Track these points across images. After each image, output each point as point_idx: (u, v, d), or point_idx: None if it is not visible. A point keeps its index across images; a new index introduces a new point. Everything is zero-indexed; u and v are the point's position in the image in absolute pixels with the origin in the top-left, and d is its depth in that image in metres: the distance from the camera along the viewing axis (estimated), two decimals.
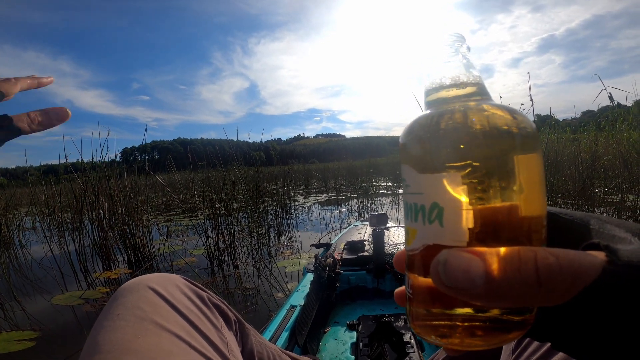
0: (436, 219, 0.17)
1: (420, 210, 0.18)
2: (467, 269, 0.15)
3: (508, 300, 0.15)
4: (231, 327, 0.55)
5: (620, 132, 3.80)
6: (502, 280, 0.15)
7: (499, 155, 0.17)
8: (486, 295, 0.15)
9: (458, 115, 0.18)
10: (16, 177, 7.35)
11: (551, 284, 0.15)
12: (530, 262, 0.15)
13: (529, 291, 0.15)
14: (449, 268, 0.16)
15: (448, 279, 0.16)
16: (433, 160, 0.18)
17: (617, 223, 0.18)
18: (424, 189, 0.18)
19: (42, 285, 2.67)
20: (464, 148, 0.17)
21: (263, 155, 5.80)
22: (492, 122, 0.17)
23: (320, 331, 1.13)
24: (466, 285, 0.15)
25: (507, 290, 0.15)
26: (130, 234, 3.19)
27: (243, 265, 2.87)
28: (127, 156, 5.31)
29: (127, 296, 0.46)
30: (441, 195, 0.17)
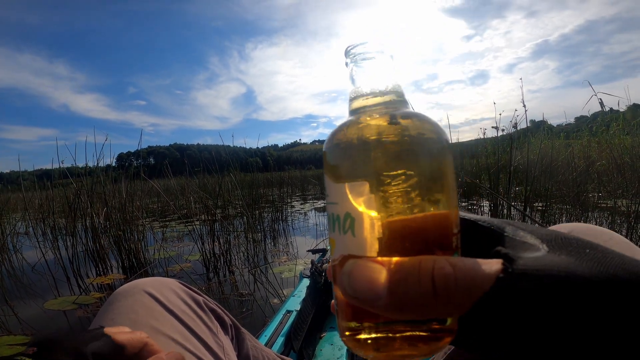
0: (349, 229, 0.17)
1: (337, 220, 0.18)
2: (371, 280, 0.15)
3: (411, 312, 0.15)
4: (227, 331, 0.55)
5: (613, 137, 3.84)
6: (402, 291, 0.15)
7: (404, 166, 0.17)
8: (389, 306, 0.15)
9: (366, 127, 0.18)
10: (10, 181, 7.29)
11: (446, 295, 0.14)
12: (427, 272, 0.15)
13: (427, 302, 0.15)
14: (353, 279, 0.16)
15: (352, 290, 0.16)
16: (345, 170, 0.17)
17: (530, 229, 0.18)
18: (339, 199, 0.17)
19: (35, 290, 2.64)
20: (372, 159, 0.17)
21: (260, 161, 5.80)
22: (398, 133, 0.17)
23: (316, 336, 1.12)
24: (370, 297, 0.15)
25: (408, 301, 0.15)
26: (124, 240, 3.16)
27: (239, 271, 2.86)
28: (122, 161, 5.30)
29: (122, 300, 0.46)
30: (352, 205, 0.17)
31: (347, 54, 0.20)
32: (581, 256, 0.15)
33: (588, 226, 0.44)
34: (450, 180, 0.18)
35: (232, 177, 4.08)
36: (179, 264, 2.99)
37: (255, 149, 6.58)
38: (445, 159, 0.18)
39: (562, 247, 0.16)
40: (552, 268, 0.14)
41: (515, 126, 3.37)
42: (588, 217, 3.16)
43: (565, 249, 0.16)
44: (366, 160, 0.17)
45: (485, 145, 4.19)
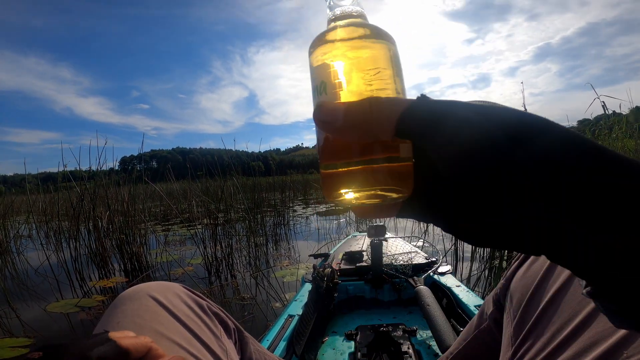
0: (323, 91, 0.24)
1: (316, 89, 0.25)
2: (333, 108, 0.22)
3: (360, 129, 0.21)
4: (230, 336, 0.55)
5: (616, 140, 3.82)
6: (350, 110, 0.21)
7: (355, 49, 0.24)
8: (344, 125, 0.21)
9: (329, 29, 0.26)
10: (14, 184, 7.33)
11: (378, 110, 0.20)
12: (366, 99, 0.21)
13: (367, 116, 0.20)
14: (322, 109, 0.22)
15: (321, 115, 0.22)
16: (319, 55, 0.25)
17: None
18: (317, 75, 0.25)
19: (37, 293, 2.65)
20: (332, 45, 0.25)
21: (262, 165, 5.81)
22: (351, 27, 0.25)
23: (318, 341, 1.12)
24: (332, 119, 0.21)
25: (356, 118, 0.21)
26: (127, 243, 3.17)
27: (241, 275, 2.86)
28: (125, 165, 5.32)
29: (127, 304, 0.47)
30: (324, 75, 0.24)
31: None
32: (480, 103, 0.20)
33: None
34: (395, 64, 0.25)
35: (234, 181, 4.09)
36: (182, 268, 2.99)
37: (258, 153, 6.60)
38: (387, 47, 0.25)
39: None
40: (452, 100, 0.20)
41: None
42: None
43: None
44: (329, 46, 0.25)
45: None
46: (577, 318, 0.38)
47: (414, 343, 1.06)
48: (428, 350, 1.04)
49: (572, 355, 0.37)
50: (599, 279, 0.17)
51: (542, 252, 0.18)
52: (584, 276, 0.18)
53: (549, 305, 0.43)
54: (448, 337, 0.94)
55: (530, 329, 0.45)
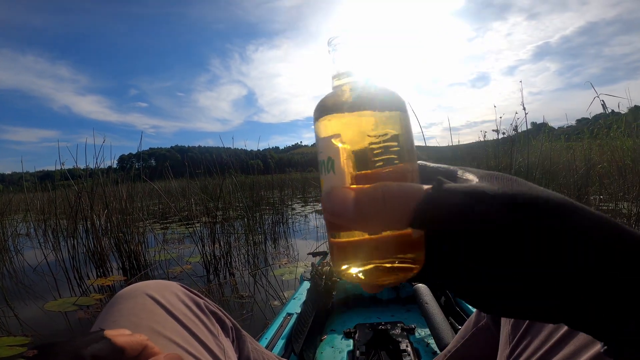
0: (331, 169, 0.23)
1: (323, 164, 0.23)
2: (343, 198, 0.20)
3: (371, 222, 0.20)
4: (228, 334, 0.55)
5: (614, 139, 3.84)
6: (362, 202, 0.19)
7: (364, 121, 0.22)
8: (356, 217, 0.20)
9: (338, 94, 0.24)
10: (12, 182, 7.30)
11: (391, 204, 0.19)
12: (378, 189, 0.19)
13: (381, 210, 0.19)
14: (331, 198, 0.21)
15: (331, 206, 0.21)
16: (325, 127, 0.23)
17: (476, 172, 0.22)
18: (323, 148, 0.23)
19: (35, 291, 2.65)
20: (340, 118, 0.23)
21: (261, 163, 5.80)
22: (358, 94, 0.23)
23: (316, 339, 1.12)
24: (342, 210, 0.20)
25: (367, 209, 0.19)
26: (125, 241, 3.17)
27: (239, 273, 2.86)
28: (124, 163, 5.30)
29: (123, 303, 0.46)
30: (332, 151, 0.22)
31: (329, 44, 0.26)
32: (499, 183, 0.19)
33: None
34: (403, 132, 0.23)
35: (233, 179, 4.08)
36: (180, 266, 2.99)
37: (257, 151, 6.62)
38: (401, 117, 0.23)
39: (489, 179, 0.20)
40: (468, 186, 0.19)
41: (515, 129, 3.37)
42: None
43: (490, 180, 0.20)
44: (337, 118, 0.23)
45: (486, 147, 4.19)
46: None
47: (413, 341, 1.06)
48: (426, 348, 1.04)
49: (569, 353, 0.37)
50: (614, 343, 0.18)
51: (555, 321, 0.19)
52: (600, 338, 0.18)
53: None
54: (446, 335, 0.94)
55: (528, 327, 0.45)
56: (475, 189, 0.18)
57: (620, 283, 0.16)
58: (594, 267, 0.16)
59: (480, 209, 0.17)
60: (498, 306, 0.19)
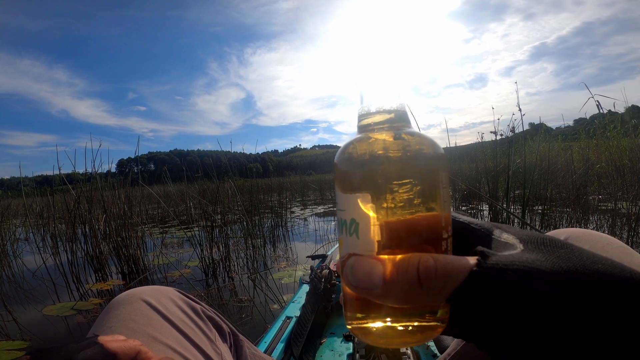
0: (354, 232, 0.20)
1: (344, 224, 0.20)
2: (370, 272, 0.18)
3: (402, 299, 0.18)
4: (225, 339, 0.55)
5: (611, 139, 3.85)
6: (394, 281, 0.17)
7: (403, 178, 0.19)
8: (384, 294, 0.18)
9: (368, 145, 0.20)
10: (11, 187, 7.29)
11: (429, 284, 0.17)
12: (414, 264, 0.17)
13: (413, 290, 0.17)
14: (355, 271, 0.18)
15: (354, 280, 0.19)
16: (351, 183, 0.20)
17: (515, 231, 0.20)
18: (346, 207, 0.20)
19: (34, 296, 2.64)
20: (371, 174, 0.20)
21: (260, 166, 5.80)
22: (394, 151, 0.20)
23: (316, 342, 1.12)
24: (368, 286, 0.18)
25: (399, 289, 0.17)
26: (124, 246, 3.16)
27: (238, 277, 2.85)
28: (123, 167, 5.30)
29: (119, 308, 0.46)
30: (357, 212, 0.20)
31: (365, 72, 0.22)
32: (550, 254, 0.17)
33: (585, 231, 0.44)
34: (444, 190, 0.20)
35: (231, 183, 4.08)
36: (178, 270, 2.98)
37: (256, 155, 6.60)
38: (441, 171, 0.20)
39: (537, 246, 0.18)
40: (519, 263, 0.17)
41: (512, 130, 3.38)
42: (588, 220, 3.16)
43: (538, 248, 0.18)
44: (367, 175, 0.20)
45: (484, 149, 4.19)
46: None
47: None
48: (426, 350, 1.04)
49: None
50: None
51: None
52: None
53: None
54: (446, 337, 0.94)
55: None
56: (525, 265, 0.16)
57: None
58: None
59: (534, 288, 0.16)
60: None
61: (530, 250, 0.18)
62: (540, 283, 0.16)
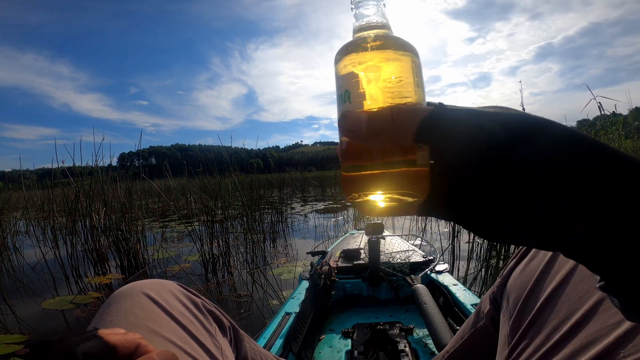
0: (347, 99, 0.25)
1: (340, 97, 0.26)
2: (357, 117, 0.23)
3: (382, 136, 0.22)
4: (225, 334, 0.55)
5: (612, 141, 3.83)
6: (373, 119, 0.23)
7: (380, 60, 0.25)
8: (367, 133, 0.23)
9: (356, 39, 0.27)
10: (12, 180, 7.30)
11: (399, 119, 0.22)
12: (387, 108, 0.23)
13: (389, 125, 0.22)
14: (346, 118, 0.24)
15: (345, 124, 0.24)
16: (344, 64, 0.26)
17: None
18: (342, 83, 0.26)
19: (33, 289, 2.65)
20: (358, 55, 0.26)
21: (261, 162, 5.79)
22: (376, 39, 0.26)
23: (315, 339, 1.12)
24: (355, 127, 0.23)
25: (377, 126, 0.22)
26: (124, 240, 3.16)
27: (238, 272, 2.85)
28: (124, 161, 5.30)
29: (120, 302, 0.46)
30: (349, 83, 0.25)
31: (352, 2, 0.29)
32: (493, 109, 0.21)
33: None
34: (409, 69, 0.25)
35: (232, 178, 4.08)
36: (178, 264, 2.99)
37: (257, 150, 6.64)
38: (412, 58, 0.26)
39: (485, 108, 0.22)
40: (469, 108, 0.21)
41: None
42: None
43: (486, 108, 0.22)
44: (360, 58, 0.25)
45: None
46: (574, 317, 0.38)
47: (411, 341, 1.06)
48: (425, 348, 1.04)
49: (569, 354, 0.37)
50: (609, 271, 0.18)
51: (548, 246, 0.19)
52: (595, 269, 0.19)
53: (546, 303, 0.43)
54: (445, 335, 0.94)
55: (527, 328, 0.44)
56: (476, 108, 0.21)
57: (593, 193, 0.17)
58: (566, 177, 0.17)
59: (478, 121, 0.20)
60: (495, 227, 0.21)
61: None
62: (484, 120, 0.20)
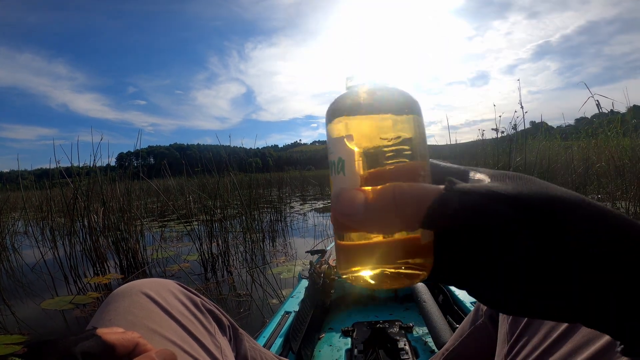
0: (341, 170, 0.22)
1: (333, 165, 0.23)
2: (352, 199, 0.20)
3: (380, 222, 0.19)
4: (225, 333, 0.55)
5: (611, 138, 3.84)
6: (372, 204, 0.19)
7: (378, 124, 0.22)
8: (365, 219, 0.19)
9: (351, 94, 0.23)
10: (10, 180, 7.28)
11: (403, 205, 0.19)
12: (389, 189, 0.19)
13: (390, 212, 0.19)
14: (341, 199, 0.20)
15: (339, 207, 0.20)
16: (337, 127, 0.23)
17: (486, 171, 0.22)
18: (334, 149, 0.23)
19: (32, 289, 2.64)
20: (354, 118, 0.22)
21: (260, 161, 5.79)
22: (373, 97, 0.23)
23: (314, 337, 1.12)
24: (352, 212, 0.20)
25: (377, 212, 0.19)
26: (123, 239, 3.16)
27: (237, 271, 2.85)
28: (122, 161, 5.29)
29: (119, 301, 0.46)
30: (343, 150, 0.22)
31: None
32: (512, 183, 0.19)
33: None
34: (419, 135, 0.23)
35: (231, 177, 4.08)
36: (177, 264, 2.99)
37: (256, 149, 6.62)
38: (415, 118, 0.23)
39: (502, 179, 0.20)
40: (481, 187, 0.19)
41: (514, 128, 3.38)
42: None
43: (503, 179, 0.20)
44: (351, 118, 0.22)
45: (485, 146, 4.19)
46: None
47: (411, 339, 1.06)
48: (424, 346, 1.04)
49: (567, 352, 0.37)
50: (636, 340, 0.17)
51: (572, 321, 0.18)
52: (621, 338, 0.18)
53: None
54: (444, 333, 0.94)
55: (526, 326, 0.44)
56: (489, 189, 0.18)
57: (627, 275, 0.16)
58: (599, 257, 0.16)
59: (494, 209, 0.17)
60: (512, 304, 0.19)
61: (495, 181, 0.20)
62: (503, 205, 0.17)
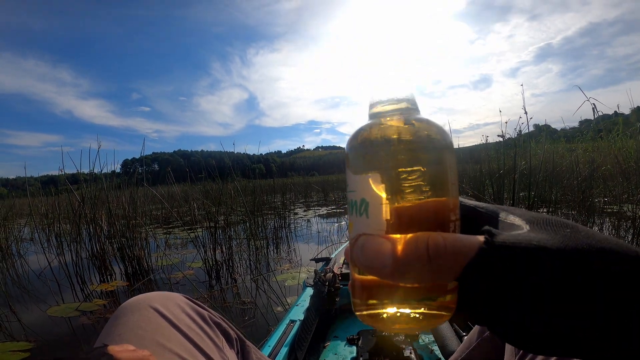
0: (364, 212, 0.20)
1: (354, 205, 0.21)
2: (379, 250, 0.18)
3: (411, 277, 0.18)
4: (232, 346, 0.55)
5: (616, 140, 3.82)
6: (404, 258, 0.17)
7: (412, 162, 0.20)
8: (394, 273, 0.18)
9: (380, 129, 0.21)
10: (16, 187, 7.35)
11: (438, 260, 0.17)
12: (423, 242, 0.17)
13: (423, 267, 0.17)
14: (365, 250, 0.19)
15: (364, 259, 0.19)
16: (362, 164, 0.21)
17: (520, 213, 0.20)
18: (356, 187, 0.21)
19: (38, 296, 2.65)
20: (382, 156, 0.20)
21: (263, 167, 5.82)
22: (405, 133, 0.21)
23: (320, 346, 1.12)
24: (378, 264, 0.18)
25: (409, 267, 0.17)
26: (128, 246, 3.17)
27: (241, 278, 2.85)
28: (127, 168, 5.32)
29: (128, 315, 0.46)
30: (367, 192, 0.20)
31: (378, 64, 0.24)
32: (556, 233, 0.17)
33: None
34: (451, 175, 0.21)
35: (235, 184, 4.09)
36: (182, 272, 2.99)
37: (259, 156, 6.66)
38: (448, 156, 0.21)
39: (542, 226, 0.18)
40: (526, 242, 0.17)
41: (519, 132, 3.37)
42: (594, 222, 3.14)
43: (544, 227, 0.18)
44: (379, 155, 0.20)
45: (488, 150, 4.18)
46: None
47: (416, 348, 1.06)
48: (430, 355, 1.04)
49: None
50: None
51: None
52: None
53: None
54: (450, 342, 0.93)
55: None
56: (532, 243, 0.17)
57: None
58: (621, 275, 0.15)
59: (542, 267, 0.16)
60: (538, 325, 0.17)
61: (536, 230, 0.18)
62: (548, 260, 0.16)
